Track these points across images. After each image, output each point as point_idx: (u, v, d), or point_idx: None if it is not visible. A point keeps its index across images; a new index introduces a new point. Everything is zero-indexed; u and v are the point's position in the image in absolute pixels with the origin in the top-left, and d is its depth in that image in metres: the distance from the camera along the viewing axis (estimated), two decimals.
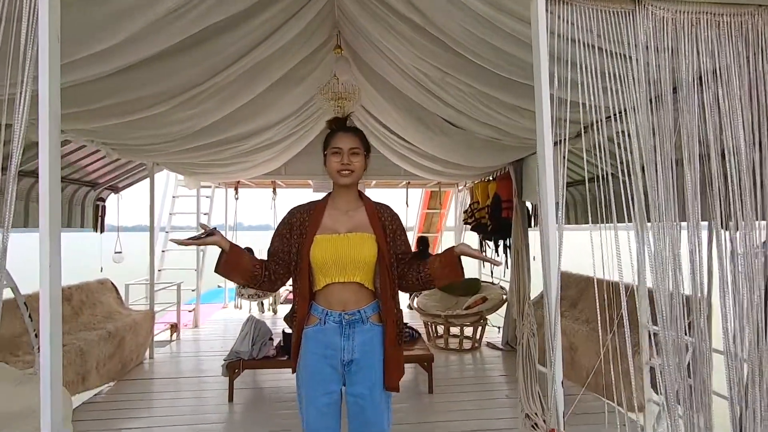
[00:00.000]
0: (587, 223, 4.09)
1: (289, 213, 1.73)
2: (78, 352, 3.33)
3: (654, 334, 2.12)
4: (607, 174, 1.46)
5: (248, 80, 3.11)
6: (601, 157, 1.52)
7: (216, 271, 1.66)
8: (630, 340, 1.41)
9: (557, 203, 1.41)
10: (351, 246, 1.63)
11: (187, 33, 2.09)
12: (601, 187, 1.46)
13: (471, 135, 3.84)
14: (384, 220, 1.71)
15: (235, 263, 1.63)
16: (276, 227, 1.74)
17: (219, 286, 8.50)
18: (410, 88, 3.43)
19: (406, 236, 1.79)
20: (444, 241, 8.00)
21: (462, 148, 4.14)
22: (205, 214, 6.77)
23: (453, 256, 1.67)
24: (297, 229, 1.68)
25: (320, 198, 1.77)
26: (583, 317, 3.84)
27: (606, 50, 1.50)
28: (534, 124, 1.47)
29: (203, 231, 1.60)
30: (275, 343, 3.65)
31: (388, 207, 1.77)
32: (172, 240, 1.58)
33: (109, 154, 3.90)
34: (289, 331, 3.76)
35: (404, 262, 1.73)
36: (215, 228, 1.63)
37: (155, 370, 4.42)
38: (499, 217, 5.03)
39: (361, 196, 1.76)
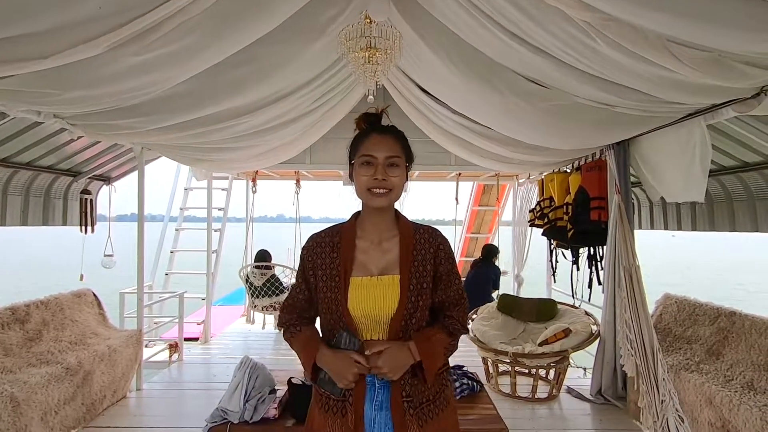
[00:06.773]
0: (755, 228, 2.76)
1: (306, 248, 1.37)
2: (7, 403, 2.41)
3: None
4: None
5: (233, 13, 2.03)
6: None
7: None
8: None
9: None
10: (383, 295, 1.26)
11: None
12: None
13: (563, 98, 2.59)
14: (416, 255, 1.30)
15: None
16: (297, 273, 1.41)
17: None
18: (476, 27, 2.25)
19: (455, 277, 1.35)
20: (499, 243, 6.67)
21: (543, 118, 2.89)
22: (219, 209, 5.84)
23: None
24: (322, 269, 1.32)
25: (344, 221, 1.42)
26: (738, 377, 2.51)
27: None
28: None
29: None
30: (278, 396, 2.59)
31: (431, 232, 1.35)
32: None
33: (72, 132, 2.97)
34: (297, 381, 2.69)
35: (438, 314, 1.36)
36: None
37: (137, 411, 3.49)
38: (585, 219, 3.77)
39: (398, 217, 1.39)
